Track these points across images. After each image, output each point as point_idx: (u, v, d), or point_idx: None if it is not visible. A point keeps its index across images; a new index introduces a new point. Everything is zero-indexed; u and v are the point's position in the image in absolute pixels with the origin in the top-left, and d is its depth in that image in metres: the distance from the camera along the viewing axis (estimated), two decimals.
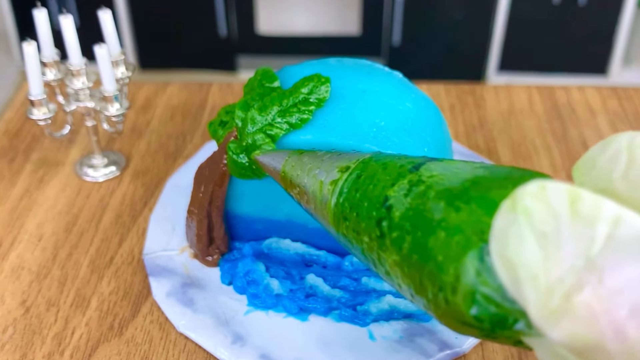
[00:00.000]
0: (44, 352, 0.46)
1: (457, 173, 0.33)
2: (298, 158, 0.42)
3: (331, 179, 0.39)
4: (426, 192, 0.33)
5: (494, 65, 1.28)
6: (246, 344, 0.45)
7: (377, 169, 0.37)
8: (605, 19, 1.21)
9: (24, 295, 0.50)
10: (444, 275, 0.30)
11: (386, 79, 0.47)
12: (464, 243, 0.29)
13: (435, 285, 0.30)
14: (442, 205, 0.31)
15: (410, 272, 0.32)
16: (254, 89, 0.46)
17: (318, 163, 0.40)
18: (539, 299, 0.25)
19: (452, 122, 0.67)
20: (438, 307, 0.31)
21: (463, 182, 0.32)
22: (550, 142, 0.65)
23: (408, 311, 0.46)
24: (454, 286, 0.29)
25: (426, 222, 0.32)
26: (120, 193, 0.59)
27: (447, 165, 0.34)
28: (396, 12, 1.24)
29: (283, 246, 0.50)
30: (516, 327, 0.28)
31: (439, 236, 0.31)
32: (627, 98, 0.71)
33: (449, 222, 0.30)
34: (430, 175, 0.34)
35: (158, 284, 0.49)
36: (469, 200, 0.30)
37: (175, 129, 0.66)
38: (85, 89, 0.56)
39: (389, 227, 0.34)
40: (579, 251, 0.25)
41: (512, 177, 0.31)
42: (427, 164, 0.35)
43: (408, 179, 0.34)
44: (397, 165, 0.36)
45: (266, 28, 1.31)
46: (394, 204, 0.34)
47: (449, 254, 0.30)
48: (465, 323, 0.30)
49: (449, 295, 0.30)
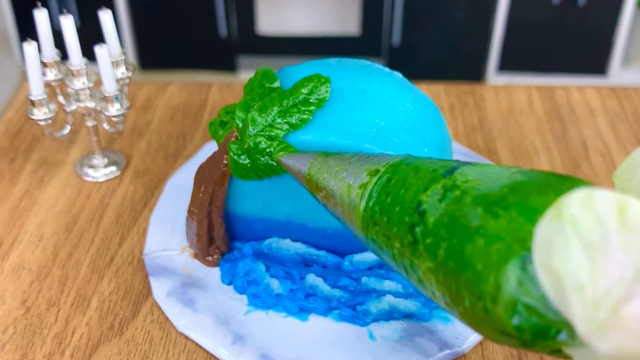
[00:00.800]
0: (45, 352, 0.46)
1: (493, 178, 0.32)
2: (324, 160, 0.41)
3: (360, 182, 0.38)
4: (462, 197, 0.32)
5: (494, 66, 1.28)
6: (246, 343, 0.45)
7: (408, 172, 0.36)
8: (604, 19, 1.21)
9: (25, 295, 0.50)
10: (483, 284, 0.29)
11: (386, 79, 0.47)
12: (504, 251, 0.28)
13: (473, 294, 0.29)
14: (480, 212, 0.30)
15: (446, 280, 0.31)
16: (254, 89, 0.46)
17: (345, 166, 0.40)
18: (586, 311, 0.25)
19: (452, 122, 0.67)
20: (476, 316, 0.30)
21: (501, 187, 0.31)
22: (550, 142, 0.65)
23: (408, 311, 0.47)
24: (495, 296, 0.28)
25: (463, 228, 0.31)
26: (120, 193, 0.59)
27: (482, 170, 0.33)
28: (396, 12, 1.24)
29: (283, 246, 0.50)
30: (559, 337, 0.28)
31: (477, 243, 0.30)
32: (627, 98, 0.71)
33: (487, 229, 0.29)
34: (465, 180, 0.33)
35: (158, 284, 0.49)
36: (508, 207, 0.30)
37: (176, 129, 0.66)
38: (85, 89, 0.56)
39: (423, 233, 0.33)
40: (628, 262, 0.24)
41: (550, 182, 0.30)
42: (461, 168, 0.34)
43: (442, 183, 0.33)
44: (429, 169, 0.35)
45: (266, 28, 1.31)
46: (428, 209, 0.33)
47: (488, 262, 0.29)
48: (504, 333, 0.29)
49: (489, 304, 0.29)
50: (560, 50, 1.25)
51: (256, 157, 0.44)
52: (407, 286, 0.48)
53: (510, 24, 1.23)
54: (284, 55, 1.33)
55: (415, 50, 1.28)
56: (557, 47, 1.25)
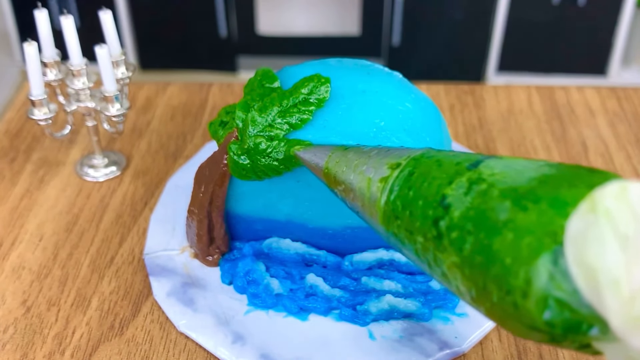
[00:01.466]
0: (45, 352, 0.46)
1: (520, 171, 0.32)
2: (342, 154, 0.41)
3: (381, 175, 0.37)
4: (488, 190, 0.31)
5: (494, 66, 1.28)
6: (246, 343, 0.45)
7: (431, 165, 0.35)
8: (604, 20, 1.21)
9: (25, 295, 0.50)
10: (512, 278, 0.28)
11: (386, 79, 0.47)
12: (535, 245, 0.28)
13: (502, 289, 0.29)
14: (508, 205, 0.30)
15: (472, 275, 0.31)
16: (254, 90, 0.46)
17: (365, 159, 0.39)
18: (621, 305, 0.24)
19: (451, 122, 0.67)
20: (504, 311, 0.29)
21: (529, 180, 0.30)
22: (550, 142, 0.65)
23: (408, 311, 0.47)
24: (525, 290, 0.28)
25: (490, 222, 0.30)
26: (120, 193, 0.59)
27: (508, 163, 0.33)
28: (396, 13, 1.24)
29: (283, 246, 0.50)
30: (590, 333, 0.27)
31: (505, 237, 0.29)
32: (627, 98, 0.71)
33: (516, 222, 0.29)
34: (491, 173, 0.32)
35: (158, 284, 0.49)
36: (538, 200, 0.29)
37: (176, 129, 0.66)
38: (85, 89, 0.56)
39: (448, 227, 0.32)
40: None
41: (580, 175, 0.30)
42: (486, 161, 0.34)
43: (467, 176, 0.33)
44: (453, 162, 0.34)
45: (266, 28, 1.31)
46: (453, 202, 0.32)
47: (518, 257, 0.28)
48: (534, 328, 0.28)
49: (518, 299, 0.28)
50: (560, 50, 1.25)
51: (256, 158, 0.44)
52: (407, 286, 0.48)
53: (510, 24, 1.23)
54: (284, 56, 1.33)
55: (415, 50, 1.28)
56: (557, 47, 1.25)
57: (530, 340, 0.29)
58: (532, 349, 0.46)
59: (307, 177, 0.45)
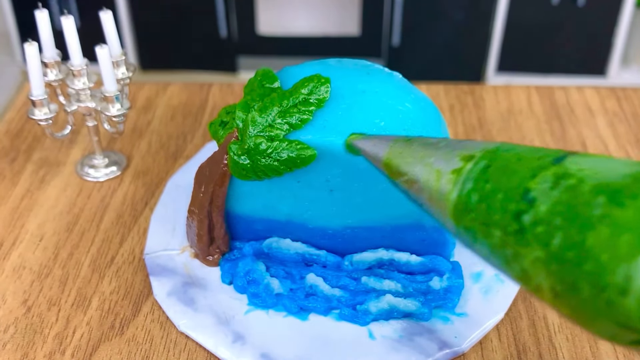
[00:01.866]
0: (45, 352, 0.46)
1: (610, 168, 0.31)
2: (406, 145, 0.40)
3: (452, 167, 0.36)
4: (578, 185, 0.31)
5: (493, 66, 1.29)
6: (246, 343, 0.45)
7: (509, 159, 0.34)
8: (604, 20, 1.21)
9: (25, 295, 0.50)
10: (609, 275, 0.28)
11: (386, 79, 0.47)
12: (635, 242, 0.27)
13: (595, 286, 0.28)
14: (602, 200, 0.29)
15: (560, 271, 0.30)
16: (254, 90, 0.46)
17: (432, 151, 0.38)
18: None
19: (451, 122, 0.67)
20: (595, 308, 0.29)
21: (623, 176, 0.30)
22: (550, 143, 0.65)
23: (408, 310, 0.47)
24: (624, 288, 0.27)
25: (582, 218, 0.29)
26: (121, 193, 0.59)
27: (595, 160, 0.32)
28: (396, 13, 1.24)
29: (283, 246, 0.50)
30: None
31: (600, 234, 0.29)
32: (626, 98, 0.71)
33: (612, 218, 0.29)
34: (579, 168, 0.32)
35: (159, 284, 0.49)
36: (635, 196, 0.28)
37: (176, 129, 0.66)
38: (86, 89, 0.56)
39: (533, 221, 0.31)
40: None
41: None
42: (570, 157, 0.33)
43: (552, 171, 0.32)
44: (534, 157, 0.34)
45: (266, 29, 1.31)
46: (538, 196, 0.32)
47: (616, 254, 0.28)
48: (627, 326, 0.28)
49: (614, 296, 0.28)
50: (560, 50, 1.25)
51: (256, 158, 0.44)
52: (407, 286, 0.48)
53: (510, 25, 1.23)
54: (284, 56, 1.33)
55: (415, 51, 1.28)
56: (556, 48, 1.25)
57: (612, 342, 0.29)
58: (531, 348, 0.46)
59: (307, 177, 0.45)
